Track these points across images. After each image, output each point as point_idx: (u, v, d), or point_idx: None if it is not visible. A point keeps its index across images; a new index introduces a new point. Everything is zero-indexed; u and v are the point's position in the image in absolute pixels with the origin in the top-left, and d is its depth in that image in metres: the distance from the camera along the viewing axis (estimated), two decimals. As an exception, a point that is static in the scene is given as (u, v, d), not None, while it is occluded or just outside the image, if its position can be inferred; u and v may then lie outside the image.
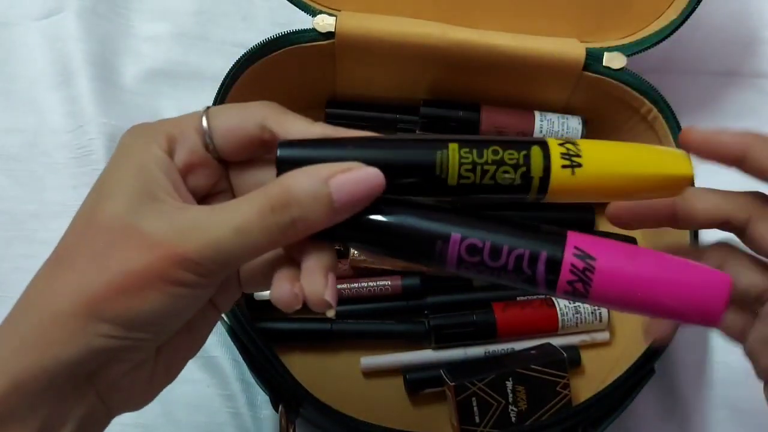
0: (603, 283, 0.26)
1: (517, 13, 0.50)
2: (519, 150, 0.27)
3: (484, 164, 0.27)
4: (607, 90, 0.50)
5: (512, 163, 0.27)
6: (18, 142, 0.53)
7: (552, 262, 0.26)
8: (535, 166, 0.27)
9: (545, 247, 0.26)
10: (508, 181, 0.27)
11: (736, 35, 0.60)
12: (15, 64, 0.56)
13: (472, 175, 0.27)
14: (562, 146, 0.28)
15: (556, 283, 0.26)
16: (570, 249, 0.26)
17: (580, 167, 0.27)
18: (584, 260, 0.26)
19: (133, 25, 0.58)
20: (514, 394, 0.44)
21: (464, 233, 0.27)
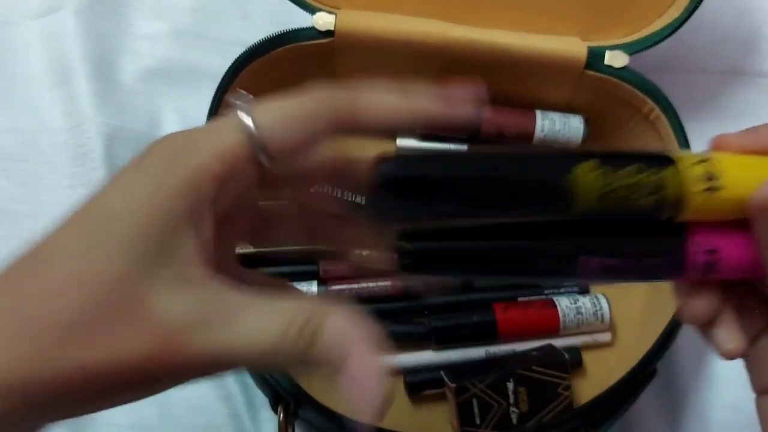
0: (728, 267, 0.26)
1: (518, 12, 0.49)
2: (653, 171, 0.25)
3: (616, 190, 0.25)
4: (609, 89, 0.49)
5: (648, 189, 0.25)
6: (15, 141, 0.53)
7: (676, 260, 0.26)
8: (671, 190, 0.25)
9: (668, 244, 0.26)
10: (640, 206, 0.25)
11: (739, 34, 0.60)
12: (12, 62, 0.55)
13: (603, 203, 0.25)
14: (699, 164, 0.25)
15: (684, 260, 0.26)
16: (693, 230, 0.26)
17: (720, 190, 0.25)
18: (709, 253, 0.26)
19: (131, 24, 0.57)
20: (515, 396, 0.44)
21: (591, 255, 0.26)
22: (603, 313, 0.48)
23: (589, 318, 0.48)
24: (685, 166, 0.25)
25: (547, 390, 0.44)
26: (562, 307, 0.48)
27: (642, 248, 0.26)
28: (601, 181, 0.24)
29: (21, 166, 0.52)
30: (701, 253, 0.26)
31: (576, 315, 0.48)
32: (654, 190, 0.25)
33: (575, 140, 0.51)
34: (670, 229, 0.26)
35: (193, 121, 0.54)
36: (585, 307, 0.48)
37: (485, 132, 0.51)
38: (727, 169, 0.25)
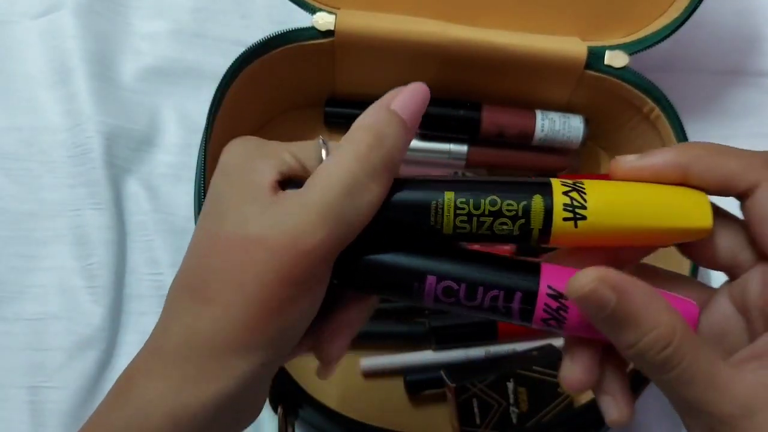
0: (576, 319, 0.26)
1: (518, 11, 0.49)
2: (518, 200, 0.26)
3: (481, 215, 0.26)
4: (609, 89, 0.49)
5: (510, 215, 0.26)
6: (15, 141, 0.53)
7: (525, 303, 0.26)
8: (535, 218, 0.26)
9: (519, 286, 0.27)
10: (505, 231, 0.27)
11: (739, 33, 0.60)
12: (12, 62, 0.55)
13: (468, 226, 0.27)
14: (567, 195, 0.26)
15: (531, 319, 0.27)
16: (544, 288, 0.26)
17: (584, 219, 0.26)
18: (558, 300, 0.26)
19: (131, 23, 0.57)
20: (515, 396, 0.44)
21: (440, 275, 0.27)
22: (603, 313, 0.48)
23: (589, 318, 0.48)
24: (554, 195, 0.26)
25: (547, 390, 0.44)
26: (562, 307, 0.48)
27: (491, 279, 0.27)
28: (468, 207, 0.26)
29: (21, 165, 0.52)
30: (550, 297, 0.26)
31: (576, 315, 0.48)
32: (519, 216, 0.26)
33: (575, 140, 0.51)
34: (528, 270, 0.27)
35: (193, 120, 0.54)
36: (585, 307, 0.48)
37: (485, 132, 0.51)
38: (595, 199, 0.26)
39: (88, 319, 0.48)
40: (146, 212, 0.51)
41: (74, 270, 0.49)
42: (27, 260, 0.49)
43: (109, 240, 0.50)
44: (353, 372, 0.48)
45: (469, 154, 0.52)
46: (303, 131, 0.53)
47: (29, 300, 0.49)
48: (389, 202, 0.27)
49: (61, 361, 0.47)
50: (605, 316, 0.24)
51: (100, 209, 0.50)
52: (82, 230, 0.50)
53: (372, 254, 0.27)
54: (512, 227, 0.26)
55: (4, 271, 0.49)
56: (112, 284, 0.49)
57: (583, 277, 0.24)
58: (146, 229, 0.51)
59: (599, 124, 0.52)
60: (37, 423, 0.45)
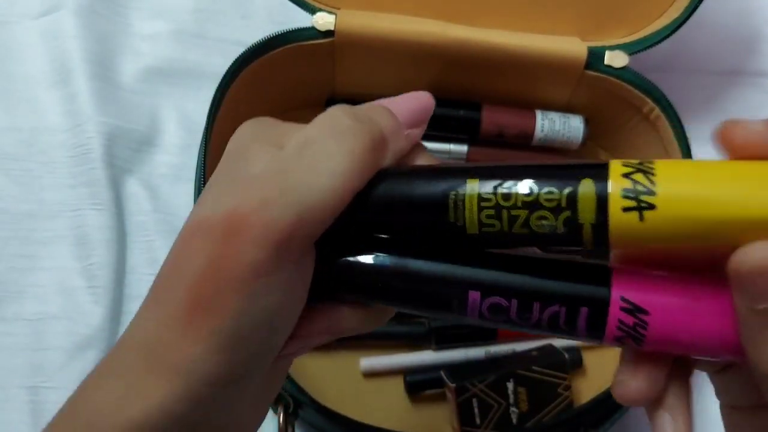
0: (657, 336, 0.21)
1: (518, 12, 0.49)
2: (562, 187, 0.20)
3: (512, 208, 0.20)
4: (609, 89, 0.49)
5: (551, 206, 0.20)
6: (15, 141, 0.53)
7: (594, 321, 0.21)
8: (584, 209, 0.19)
9: (584, 301, 0.21)
10: (546, 229, 0.20)
11: (740, 33, 0.60)
12: (12, 62, 0.55)
13: (497, 223, 0.20)
14: (629, 177, 0.19)
15: (602, 338, 0.21)
16: (616, 302, 0.20)
17: (653, 209, 0.19)
18: (634, 315, 0.20)
19: (131, 24, 0.57)
20: (515, 396, 0.44)
21: (483, 290, 0.21)
22: (603, 313, 0.48)
23: (589, 318, 0.48)
24: (611, 177, 0.20)
25: (547, 390, 0.44)
26: (562, 307, 0.48)
27: (549, 291, 0.21)
28: (495, 198, 0.20)
29: (21, 166, 0.52)
30: (625, 311, 0.21)
31: (576, 315, 0.48)
32: (562, 207, 0.20)
33: (575, 140, 0.51)
34: (595, 276, 0.21)
35: (193, 120, 0.54)
36: (585, 307, 0.48)
37: (485, 132, 0.51)
38: (667, 185, 0.19)
39: (88, 320, 0.48)
40: (146, 212, 0.51)
41: (74, 270, 0.49)
42: (27, 260, 0.49)
43: (109, 240, 0.50)
44: (353, 372, 0.47)
45: (469, 154, 0.52)
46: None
47: (29, 300, 0.49)
48: (400, 196, 0.22)
49: (61, 362, 0.47)
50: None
51: (100, 209, 0.50)
52: (83, 230, 0.50)
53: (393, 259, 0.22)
54: (554, 222, 0.20)
55: (4, 271, 0.49)
56: (112, 284, 0.49)
57: (760, 249, 0.18)
58: (146, 230, 0.51)
59: (599, 124, 0.52)
60: (37, 423, 0.45)
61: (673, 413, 0.23)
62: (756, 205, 0.18)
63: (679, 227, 0.19)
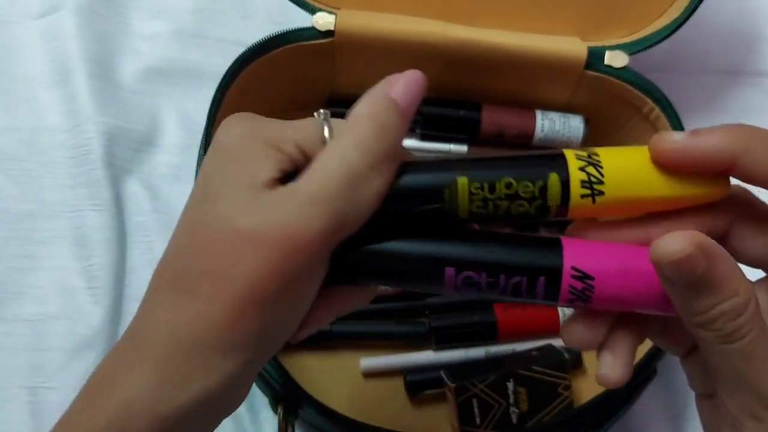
0: (601, 297, 0.26)
1: (518, 12, 0.49)
2: (534, 181, 0.26)
3: (497, 199, 0.26)
4: (609, 89, 0.49)
5: (527, 197, 0.26)
6: (15, 141, 0.53)
7: (550, 288, 0.26)
8: (552, 197, 0.26)
9: (542, 271, 0.26)
10: (522, 212, 0.26)
11: (739, 33, 0.60)
12: (12, 62, 0.55)
13: (485, 211, 0.26)
14: (584, 170, 0.26)
15: (556, 302, 0.26)
16: (568, 270, 0.26)
17: (602, 195, 0.26)
18: (583, 281, 0.25)
19: (131, 24, 0.57)
20: (515, 396, 0.44)
21: (458, 265, 0.26)
22: (603, 313, 0.48)
23: (589, 318, 0.48)
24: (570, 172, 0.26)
25: (547, 390, 0.44)
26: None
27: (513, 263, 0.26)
28: (483, 193, 0.26)
29: (21, 166, 0.52)
30: (575, 278, 0.25)
31: (576, 315, 0.48)
32: (536, 197, 0.26)
33: (575, 140, 0.51)
34: (549, 247, 0.26)
35: (193, 121, 0.54)
36: (585, 307, 0.48)
37: (485, 132, 0.51)
38: (611, 172, 0.26)
39: (87, 320, 0.48)
40: (146, 212, 0.51)
41: (74, 270, 0.49)
42: (27, 260, 0.49)
43: (109, 240, 0.50)
44: (353, 372, 0.47)
45: (469, 154, 0.52)
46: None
47: (29, 300, 0.49)
48: (399, 187, 0.26)
49: (61, 362, 0.47)
50: (689, 281, 0.23)
51: (100, 210, 0.50)
52: (82, 231, 0.50)
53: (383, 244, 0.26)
54: (529, 208, 0.26)
55: (4, 272, 0.49)
56: (112, 285, 0.49)
57: (675, 243, 0.23)
58: (146, 230, 0.51)
59: (599, 124, 0.52)
60: (37, 423, 0.45)
61: (614, 353, 0.27)
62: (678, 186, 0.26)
63: (620, 205, 0.26)
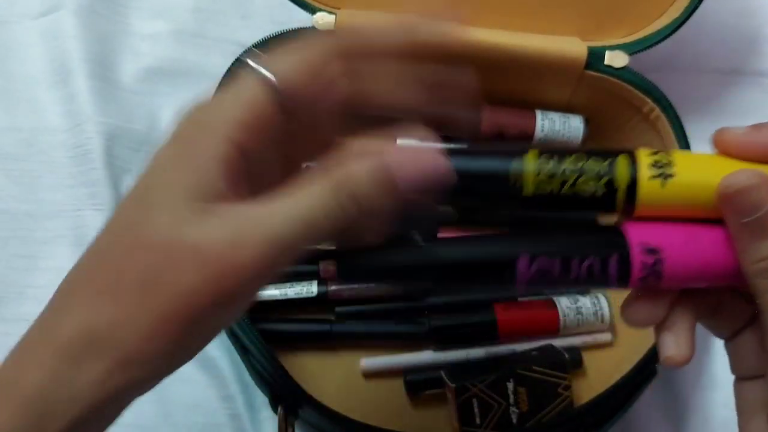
0: (673, 269, 0.25)
1: (518, 12, 0.49)
2: (603, 158, 0.25)
3: (563, 173, 0.25)
4: (609, 89, 0.49)
5: (595, 172, 0.25)
6: (15, 141, 0.53)
7: (622, 265, 0.25)
8: (620, 175, 0.25)
9: (613, 250, 0.26)
10: (590, 191, 0.25)
11: (740, 33, 0.60)
12: (12, 62, 0.55)
13: (549, 186, 0.25)
14: (653, 155, 0.26)
15: (629, 281, 0.26)
16: (636, 246, 0.25)
17: (672, 177, 0.25)
18: (653, 254, 0.25)
19: (131, 24, 0.57)
20: (515, 396, 0.44)
21: (531, 256, 0.26)
22: (603, 313, 0.48)
23: (589, 318, 0.48)
24: (639, 156, 0.26)
25: (547, 390, 0.44)
26: (563, 307, 0.48)
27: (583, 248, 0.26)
28: (550, 164, 0.25)
29: (21, 166, 0.52)
30: (642, 253, 0.25)
31: (576, 315, 0.48)
32: (603, 173, 0.25)
33: (575, 140, 0.51)
34: (613, 231, 0.26)
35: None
36: (585, 307, 0.48)
37: (485, 132, 0.51)
38: (681, 160, 0.25)
39: (88, 320, 0.48)
40: (146, 212, 0.51)
41: (74, 270, 0.49)
42: (27, 260, 0.49)
43: (109, 240, 0.50)
44: (353, 372, 0.47)
45: (469, 154, 0.52)
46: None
47: (29, 300, 0.49)
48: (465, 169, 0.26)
49: (61, 362, 0.47)
50: (754, 218, 0.24)
51: (100, 210, 0.50)
52: (83, 231, 0.50)
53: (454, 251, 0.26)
54: (597, 185, 0.25)
55: (4, 272, 0.49)
56: (112, 284, 0.49)
57: (742, 174, 0.24)
58: (146, 230, 0.51)
59: (599, 124, 0.52)
60: (37, 423, 0.45)
61: (676, 334, 0.27)
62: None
63: (692, 191, 0.25)
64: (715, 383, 0.49)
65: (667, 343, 0.27)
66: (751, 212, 0.24)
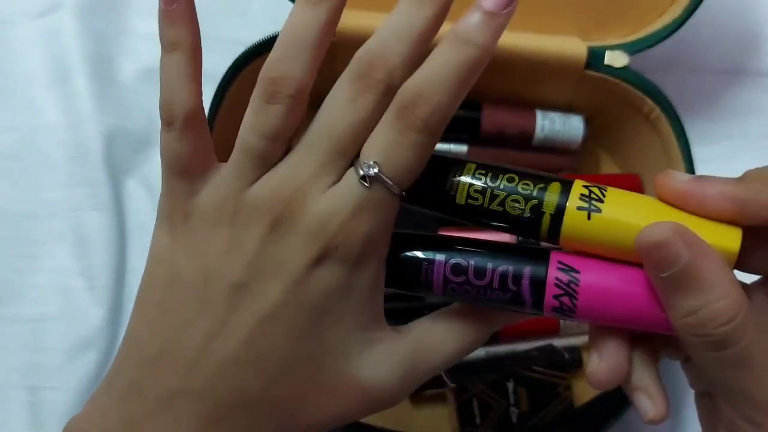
0: (589, 296, 0.25)
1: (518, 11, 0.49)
2: (536, 182, 0.26)
3: (495, 189, 0.26)
4: (609, 89, 0.49)
5: (525, 193, 0.26)
6: (14, 140, 0.53)
7: (537, 276, 0.26)
8: (548, 201, 0.25)
9: (529, 262, 0.26)
10: (516, 211, 0.26)
11: (740, 33, 0.60)
12: (12, 61, 0.55)
13: (481, 198, 0.26)
14: (587, 188, 0.26)
15: (543, 298, 0.26)
16: (554, 263, 0.26)
17: (599, 212, 0.25)
18: (569, 273, 0.25)
19: (130, 23, 0.57)
20: (515, 396, 0.44)
21: (448, 255, 0.27)
22: (603, 313, 0.48)
23: (589, 318, 0.48)
24: (573, 185, 0.26)
25: (547, 390, 0.44)
26: (562, 307, 0.48)
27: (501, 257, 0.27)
28: (485, 178, 0.26)
29: (20, 166, 0.52)
30: (563, 270, 0.26)
31: (576, 315, 0.48)
32: (532, 196, 0.26)
33: (575, 140, 0.51)
34: (536, 251, 0.27)
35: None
36: (585, 307, 0.48)
37: (485, 132, 0.51)
38: (613, 197, 0.25)
39: (87, 320, 0.48)
40: (146, 212, 0.51)
41: (74, 270, 0.49)
42: (26, 260, 0.49)
43: (109, 240, 0.50)
44: (353, 372, 0.47)
45: (469, 154, 0.52)
46: (303, 131, 0.53)
47: (29, 300, 0.49)
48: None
49: (61, 362, 0.47)
50: (672, 273, 0.23)
51: (99, 209, 0.50)
52: (82, 230, 0.50)
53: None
54: (524, 206, 0.26)
55: (4, 272, 0.49)
56: (112, 284, 0.49)
57: (657, 227, 0.23)
58: (146, 230, 0.51)
59: (599, 124, 0.52)
60: (37, 423, 0.45)
61: (647, 392, 0.27)
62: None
63: (615, 233, 0.25)
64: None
65: (645, 406, 0.27)
66: (667, 267, 0.23)
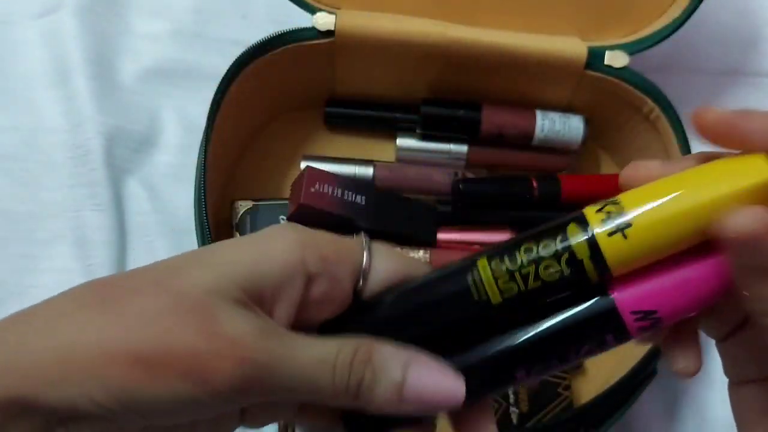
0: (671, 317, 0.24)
1: (518, 11, 0.49)
2: (553, 236, 0.23)
3: (521, 268, 0.24)
4: (609, 89, 0.49)
5: (551, 254, 0.23)
6: (15, 141, 0.53)
7: (620, 338, 0.24)
8: (577, 246, 0.23)
9: (606, 331, 0.24)
10: (555, 276, 0.23)
11: (740, 33, 0.60)
12: (12, 62, 0.55)
13: (514, 285, 0.24)
14: (601, 211, 0.23)
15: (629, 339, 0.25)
16: (630, 318, 0.24)
17: (630, 227, 0.23)
18: (647, 318, 0.24)
19: (131, 23, 0.57)
20: (515, 396, 0.44)
21: (527, 368, 0.25)
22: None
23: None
24: (587, 215, 0.23)
25: (547, 390, 0.44)
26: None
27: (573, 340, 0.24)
28: (505, 265, 0.24)
29: (20, 166, 0.52)
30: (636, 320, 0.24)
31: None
32: (560, 252, 0.23)
33: (575, 140, 0.51)
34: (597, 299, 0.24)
35: (193, 121, 0.54)
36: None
37: (485, 132, 0.51)
38: (631, 202, 0.23)
39: (88, 320, 0.48)
40: (146, 212, 0.51)
41: (75, 271, 0.49)
42: (27, 261, 0.49)
43: (110, 240, 0.50)
44: (353, 372, 0.47)
45: (469, 154, 0.52)
46: (303, 131, 0.53)
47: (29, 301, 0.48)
48: (429, 301, 0.25)
49: (61, 362, 0.47)
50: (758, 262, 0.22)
51: (100, 210, 0.50)
52: (83, 231, 0.50)
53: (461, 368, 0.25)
54: (560, 267, 0.23)
55: (4, 272, 0.49)
56: (112, 284, 0.49)
57: (746, 217, 0.21)
58: (146, 230, 0.51)
59: (599, 125, 0.52)
60: (38, 423, 0.45)
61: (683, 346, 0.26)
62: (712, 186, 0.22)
63: (659, 233, 0.23)
64: (714, 383, 0.49)
65: (676, 356, 0.26)
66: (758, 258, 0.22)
